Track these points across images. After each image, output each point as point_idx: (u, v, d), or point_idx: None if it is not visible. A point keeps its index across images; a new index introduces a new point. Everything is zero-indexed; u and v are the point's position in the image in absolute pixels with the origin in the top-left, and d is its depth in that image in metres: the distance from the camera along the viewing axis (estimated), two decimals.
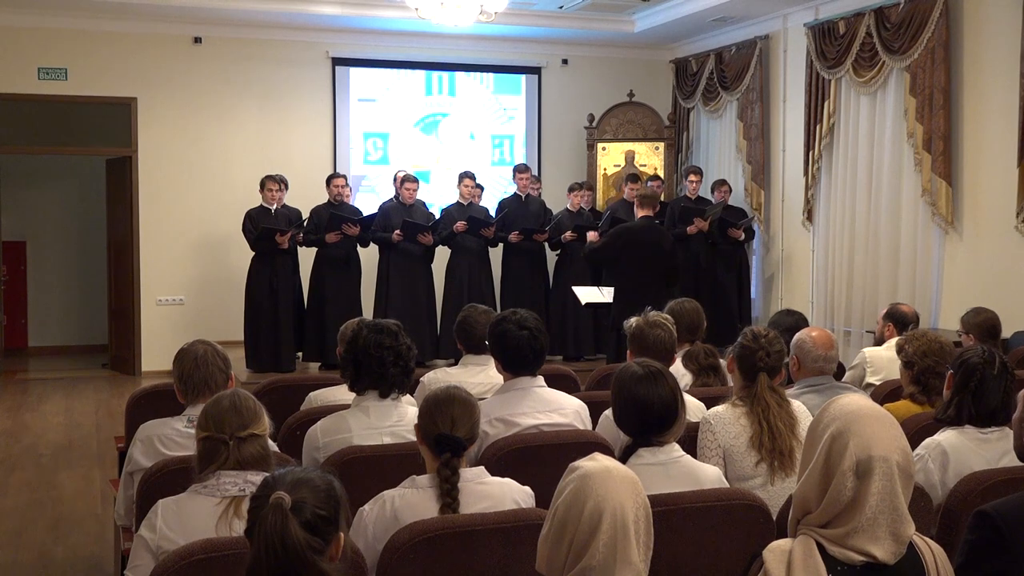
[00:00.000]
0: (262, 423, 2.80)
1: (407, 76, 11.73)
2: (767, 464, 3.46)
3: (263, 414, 2.83)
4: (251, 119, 11.12)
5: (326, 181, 9.82)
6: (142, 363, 10.82)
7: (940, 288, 8.57)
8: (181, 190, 10.86)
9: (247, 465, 2.70)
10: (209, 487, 2.66)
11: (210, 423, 2.75)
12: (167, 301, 10.89)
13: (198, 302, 10.91)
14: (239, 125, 11.07)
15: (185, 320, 10.75)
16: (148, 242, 10.79)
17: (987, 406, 3.43)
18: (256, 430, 2.76)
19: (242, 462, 2.70)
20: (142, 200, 10.77)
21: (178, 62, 10.84)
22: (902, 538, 1.97)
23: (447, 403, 2.89)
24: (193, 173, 10.91)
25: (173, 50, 10.83)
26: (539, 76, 12.19)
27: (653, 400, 3.03)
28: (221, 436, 2.72)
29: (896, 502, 1.96)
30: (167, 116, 10.83)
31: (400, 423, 3.60)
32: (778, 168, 10.70)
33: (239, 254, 10.01)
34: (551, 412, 3.79)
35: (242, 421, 2.74)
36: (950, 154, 8.37)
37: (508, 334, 3.83)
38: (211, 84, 10.95)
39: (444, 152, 11.89)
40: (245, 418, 2.75)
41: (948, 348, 4.16)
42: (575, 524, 2.06)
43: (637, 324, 4.31)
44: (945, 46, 8.33)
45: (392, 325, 3.70)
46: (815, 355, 4.10)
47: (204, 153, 10.96)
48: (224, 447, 2.71)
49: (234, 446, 2.71)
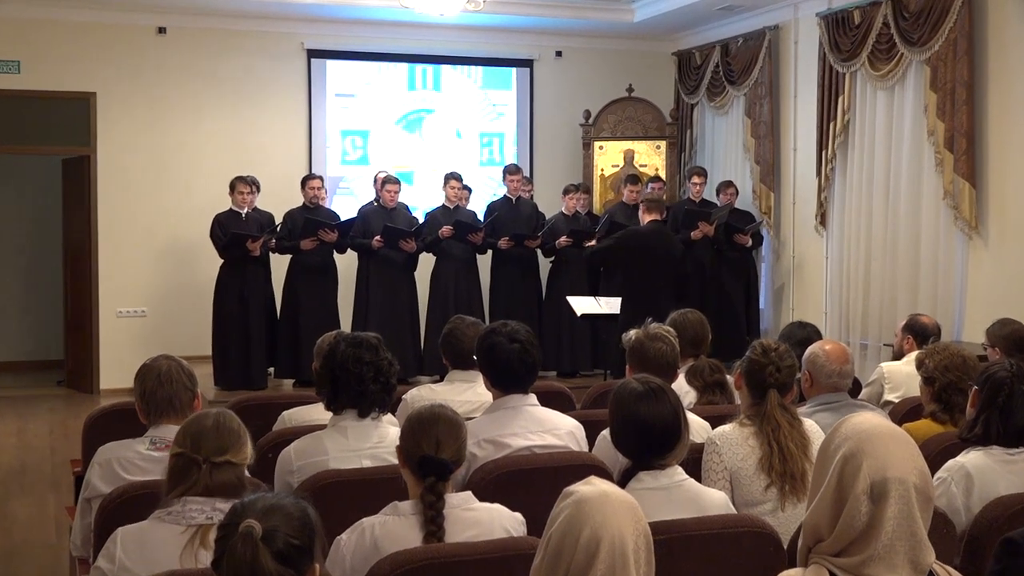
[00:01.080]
0: (242, 451, 2.80)
1: (388, 69, 11.74)
2: (777, 488, 3.47)
3: (246, 442, 2.83)
4: (220, 116, 11.12)
5: (301, 183, 9.82)
6: (100, 380, 10.78)
7: (963, 298, 8.59)
8: (144, 192, 10.84)
9: (217, 492, 2.70)
10: (174, 514, 2.66)
11: (187, 440, 2.75)
12: (128, 313, 10.86)
13: (162, 314, 10.88)
14: (207, 123, 11.07)
15: (148, 333, 10.72)
16: (108, 249, 10.76)
17: (1016, 424, 3.45)
18: (234, 457, 2.76)
19: (212, 488, 2.70)
20: (101, 203, 10.75)
21: (141, 54, 10.83)
22: (921, 566, 1.98)
23: (432, 423, 2.90)
24: (157, 174, 10.90)
25: (135, 41, 10.81)
26: (531, 69, 12.22)
27: (654, 419, 3.04)
28: (195, 457, 2.72)
29: (914, 527, 1.96)
30: (128, 113, 10.81)
31: (381, 445, 3.59)
32: (789, 169, 10.73)
33: (206, 262, 9.99)
34: (544, 432, 3.79)
35: (221, 444, 2.74)
36: (974, 153, 8.40)
37: (498, 348, 3.83)
38: (176, 78, 10.94)
39: (428, 152, 11.89)
40: (225, 442, 2.75)
41: (972, 362, 4.18)
42: (570, 554, 2.06)
43: (637, 337, 4.33)
44: (968, 37, 8.36)
45: (372, 338, 3.70)
46: (829, 370, 4.12)
47: (169, 153, 10.94)
48: (196, 469, 2.71)
49: (206, 470, 2.71)
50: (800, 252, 10.63)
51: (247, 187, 9.46)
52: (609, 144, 11.77)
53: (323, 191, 9.91)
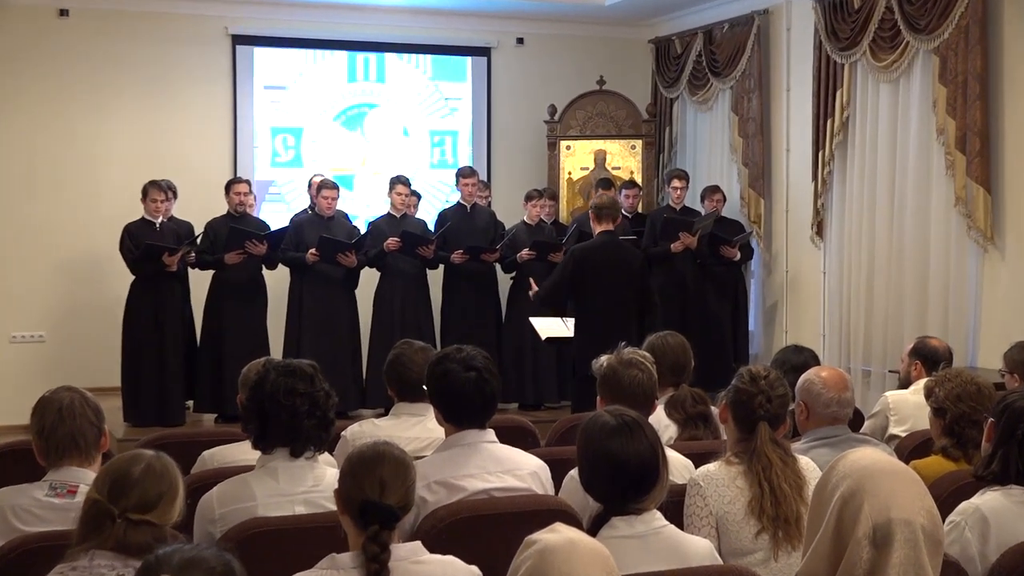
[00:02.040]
0: (169, 511, 2.78)
1: (325, 58, 11.73)
2: (769, 535, 3.49)
3: (175, 499, 2.81)
4: (130, 112, 11.04)
5: (225, 188, 9.76)
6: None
7: (978, 318, 8.66)
8: (41, 199, 10.75)
9: (130, 552, 2.67)
10: (79, 569, 2.64)
11: (106, 486, 2.72)
12: (23, 338, 10.76)
13: (62, 339, 10.78)
14: (115, 119, 10.99)
15: (46, 361, 10.61)
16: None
17: None
18: (157, 518, 2.74)
19: (124, 548, 2.67)
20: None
21: (38, 40, 10.74)
22: None
23: (375, 463, 2.89)
24: (57, 178, 10.80)
25: (32, 25, 10.73)
26: (488, 59, 12.25)
27: (629, 457, 3.05)
28: (110, 509, 2.69)
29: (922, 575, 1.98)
30: (23, 107, 10.72)
31: (316, 488, 3.59)
32: (781, 172, 10.80)
33: (115, 279, 9.91)
34: (504, 473, 3.80)
35: (145, 499, 2.72)
36: (989, 155, 8.46)
37: (451, 376, 3.83)
38: (80, 67, 10.86)
39: (371, 152, 11.89)
40: (150, 496, 2.73)
41: (987, 391, 4.22)
42: None
43: (609, 364, 4.33)
44: (981, 23, 8.43)
45: (307, 367, 3.69)
46: (826, 399, 4.15)
47: (71, 153, 10.85)
48: (109, 523, 2.68)
49: (120, 527, 2.69)
50: (794, 266, 10.69)
51: (162, 193, 9.40)
52: (577, 144, 11.80)
53: (250, 197, 9.87)
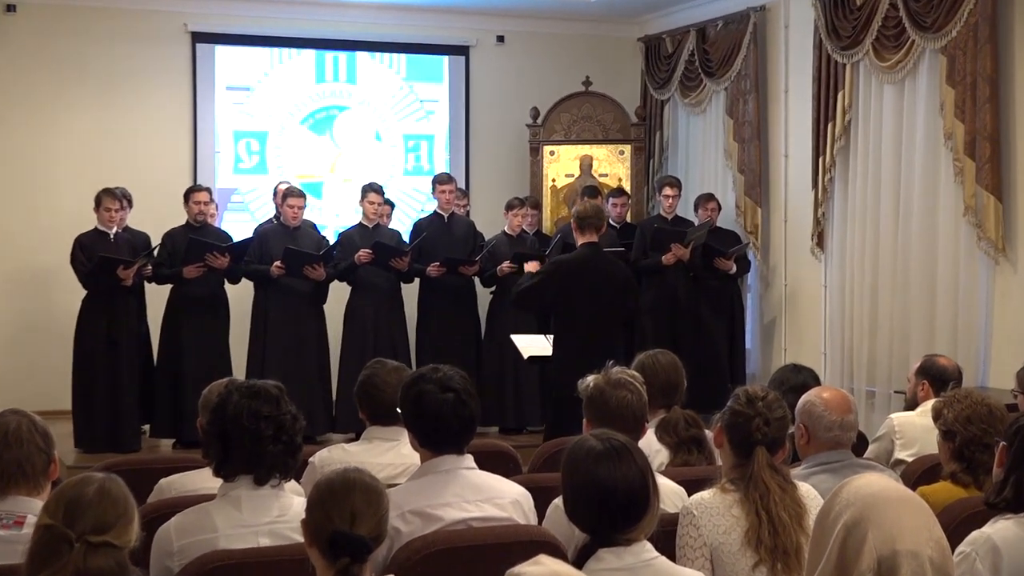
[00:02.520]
0: (127, 532, 2.77)
1: (292, 57, 11.73)
2: (767, 567, 3.49)
3: (132, 519, 2.80)
4: (83, 114, 11.03)
5: (184, 196, 9.75)
6: None
7: (989, 334, 8.68)
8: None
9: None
10: None
11: (60, 510, 2.71)
12: None
13: (8, 359, 10.73)
14: (66, 122, 10.97)
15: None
16: None
17: None
18: (116, 539, 2.73)
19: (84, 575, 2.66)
20: None
21: None
22: None
23: (345, 491, 2.89)
24: (2, 186, 10.78)
25: None
26: (467, 58, 12.27)
27: (617, 484, 3.05)
28: (66, 533, 2.68)
29: None
30: None
31: (282, 519, 3.57)
32: (779, 179, 10.83)
33: (65, 293, 9.89)
34: (483, 502, 3.79)
35: (102, 520, 2.71)
36: (999, 161, 8.49)
37: (426, 398, 3.82)
38: (28, 67, 10.85)
39: (341, 158, 11.89)
40: (108, 517, 2.72)
41: (999, 413, 4.23)
42: None
43: (596, 384, 4.33)
44: (991, 21, 8.47)
45: (272, 388, 3.68)
46: (828, 422, 4.15)
47: (18, 159, 10.83)
48: (67, 548, 2.67)
49: (80, 551, 2.68)
50: (793, 280, 10.72)
51: (116, 202, 9.38)
52: (562, 149, 11.82)
53: (211, 206, 9.86)
